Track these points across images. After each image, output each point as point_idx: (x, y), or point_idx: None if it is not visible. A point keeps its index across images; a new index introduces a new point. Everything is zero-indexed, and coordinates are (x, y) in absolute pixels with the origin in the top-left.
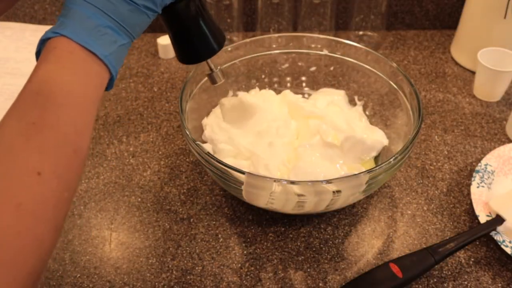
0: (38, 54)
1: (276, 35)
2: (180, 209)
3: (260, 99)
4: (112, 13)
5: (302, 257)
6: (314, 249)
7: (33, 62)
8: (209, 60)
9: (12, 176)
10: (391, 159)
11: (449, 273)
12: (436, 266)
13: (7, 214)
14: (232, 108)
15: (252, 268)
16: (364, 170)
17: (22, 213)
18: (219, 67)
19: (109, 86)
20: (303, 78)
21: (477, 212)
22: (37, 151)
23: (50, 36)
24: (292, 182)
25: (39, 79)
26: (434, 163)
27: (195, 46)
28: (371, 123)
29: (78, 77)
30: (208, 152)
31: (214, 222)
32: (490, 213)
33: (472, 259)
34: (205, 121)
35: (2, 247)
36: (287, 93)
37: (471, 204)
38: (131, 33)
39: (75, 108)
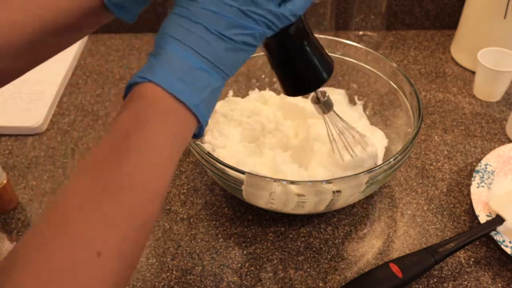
0: (124, 98)
1: None
2: (180, 209)
3: (257, 102)
4: (207, 53)
5: (302, 257)
6: (314, 249)
7: None
8: (319, 90)
9: (71, 253)
10: (391, 159)
11: (449, 273)
12: (436, 266)
13: None
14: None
15: (252, 268)
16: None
17: None
18: (327, 95)
19: (197, 135)
20: None
21: (477, 212)
22: (101, 226)
23: (137, 81)
24: (292, 182)
25: (118, 134)
26: (434, 163)
27: (302, 77)
28: (371, 123)
29: (161, 134)
30: (208, 152)
31: (214, 222)
32: (490, 213)
33: (472, 259)
34: (207, 139)
35: None
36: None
37: (471, 204)
38: (226, 73)
39: (153, 171)
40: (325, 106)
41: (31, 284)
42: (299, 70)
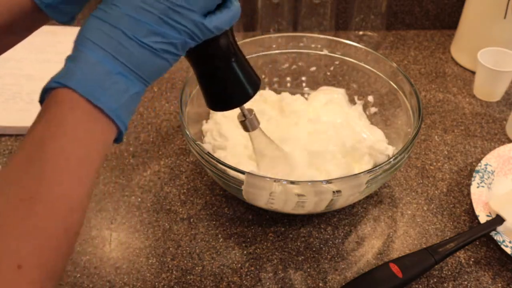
0: (41, 103)
1: (276, 35)
2: (180, 209)
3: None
4: (126, 59)
5: (302, 257)
6: (314, 249)
7: (33, 62)
8: (243, 106)
9: None
10: (391, 159)
11: (449, 273)
12: (436, 266)
13: None
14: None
15: (252, 268)
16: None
17: None
18: (253, 113)
19: (117, 140)
20: (303, 78)
21: (477, 212)
22: (21, 238)
23: (53, 86)
24: (292, 182)
25: (34, 143)
26: (434, 163)
27: (227, 92)
28: (371, 123)
29: (79, 141)
30: (208, 152)
31: (214, 222)
32: (490, 213)
33: (472, 259)
34: (205, 127)
35: None
36: (285, 96)
37: (471, 204)
38: (146, 79)
39: (71, 179)
40: (250, 124)
41: None
42: (223, 85)
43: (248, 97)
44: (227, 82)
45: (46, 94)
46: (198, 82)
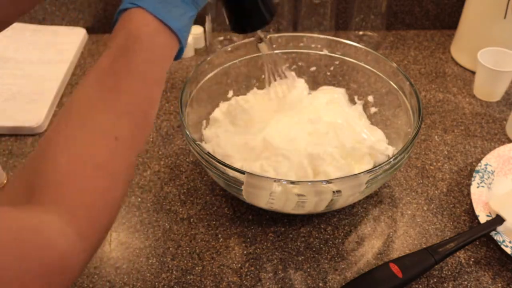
0: (114, 23)
1: (276, 35)
2: (180, 209)
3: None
4: None
5: (302, 257)
6: (314, 249)
7: (33, 62)
8: (259, 31)
9: (91, 138)
10: (391, 159)
11: (449, 273)
12: (436, 266)
13: (88, 173)
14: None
15: (252, 268)
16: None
17: (102, 173)
18: (268, 36)
19: (177, 57)
20: (303, 78)
21: (477, 212)
22: (114, 116)
23: (128, 6)
24: (292, 182)
25: (117, 48)
26: (434, 163)
27: (248, 16)
28: (371, 123)
29: (152, 50)
30: (208, 152)
31: (214, 222)
32: (490, 213)
33: (472, 259)
34: (207, 132)
35: (83, 200)
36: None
37: (471, 204)
38: (198, 4)
39: (148, 77)
40: (266, 44)
41: (62, 167)
42: (246, 9)
43: (265, 23)
44: (248, 9)
45: (119, 15)
46: (226, 10)
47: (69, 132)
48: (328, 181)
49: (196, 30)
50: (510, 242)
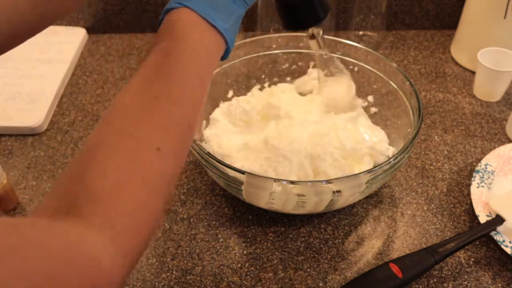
0: (160, 22)
1: (276, 35)
2: (180, 209)
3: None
4: None
5: (302, 257)
6: (314, 249)
7: (33, 62)
8: (312, 28)
9: (136, 150)
10: (391, 159)
11: (449, 273)
12: (436, 266)
13: (132, 187)
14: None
15: (252, 268)
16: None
17: (145, 187)
18: (321, 33)
19: (224, 57)
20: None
21: (477, 212)
22: (158, 126)
23: (174, 6)
24: (292, 182)
25: (162, 52)
26: (434, 163)
27: (301, 13)
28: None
29: (199, 52)
30: (208, 152)
31: (214, 222)
32: (490, 213)
33: (472, 259)
34: (207, 132)
35: (127, 215)
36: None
37: (471, 204)
38: (247, 2)
39: (194, 83)
40: (320, 41)
41: (109, 178)
42: (300, 7)
43: (319, 20)
44: (302, 6)
45: (166, 14)
46: (279, 8)
47: (115, 142)
48: (328, 181)
49: None
50: (510, 242)
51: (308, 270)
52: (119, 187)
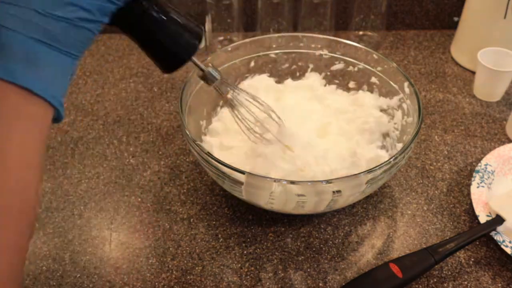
0: None
1: (276, 35)
2: (180, 209)
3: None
4: (42, 35)
5: (302, 257)
6: (314, 249)
7: None
8: (194, 59)
9: None
10: (391, 159)
11: (449, 273)
12: (436, 266)
13: None
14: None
15: (252, 268)
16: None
17: None
18: (210, 64)
19: (57, 119)
20: (303, 79)
21: (477, 212)
22: None
23: None
24: (292, 182)
25: None
26: (434, 163)
27: (171, 49)
28: None
29: (14, 131)
30: (208, 152)
31: (214, 222)
32: (490, 213)
33: (472, 259)
34: (207, 139)
35: None
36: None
37: (471, 204)
38: (71, 53)
39: (11, 171)
40: (209, 75)
41: None
42: (164, 42)
43: (195, 48)
44: (168, 40)
45: None
46: (142, 49)
47: None
48: (328, 181)
49: None
50: (510, 242)
51: (308, 270)
52: None
